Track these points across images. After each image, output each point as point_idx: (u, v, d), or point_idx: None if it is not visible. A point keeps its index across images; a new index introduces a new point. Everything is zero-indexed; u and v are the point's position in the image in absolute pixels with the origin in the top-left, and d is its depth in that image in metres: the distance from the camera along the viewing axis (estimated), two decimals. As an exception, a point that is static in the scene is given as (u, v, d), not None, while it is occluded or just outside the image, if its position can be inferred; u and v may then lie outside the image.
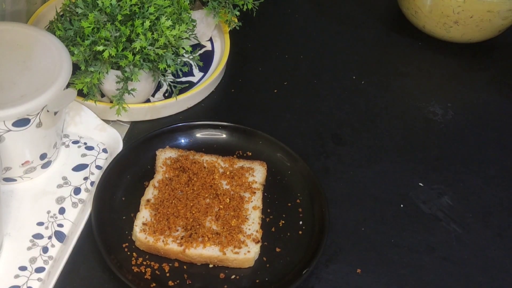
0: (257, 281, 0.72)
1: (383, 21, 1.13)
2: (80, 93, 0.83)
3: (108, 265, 0.70)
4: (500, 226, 0.82)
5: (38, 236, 0.74)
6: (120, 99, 0.83)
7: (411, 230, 0.80)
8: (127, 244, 0.74)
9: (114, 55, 0.79)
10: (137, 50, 0.79)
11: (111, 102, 0.85)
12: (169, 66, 0.83)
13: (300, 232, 0.77)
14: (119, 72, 0.83)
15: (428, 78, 1.03)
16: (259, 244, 0.74)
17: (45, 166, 0.79)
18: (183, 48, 0.82)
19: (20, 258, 0.72)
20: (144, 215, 0.75)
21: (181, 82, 0.94)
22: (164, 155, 0.82)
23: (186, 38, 0.83)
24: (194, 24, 0.87)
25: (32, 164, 0.77)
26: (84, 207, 0.77)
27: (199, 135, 0.86)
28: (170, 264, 0.73)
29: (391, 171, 0.87)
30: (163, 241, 0.73)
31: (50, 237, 0.74)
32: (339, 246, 0.77)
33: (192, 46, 0.92)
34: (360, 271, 0.75)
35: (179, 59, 0.85)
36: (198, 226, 0.74)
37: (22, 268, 0.71)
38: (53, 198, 0.78)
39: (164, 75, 0.87)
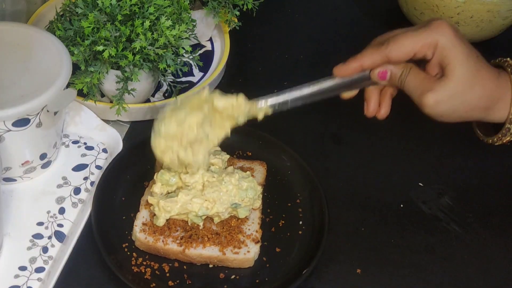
0: (257, 281, 0.72)
1: (384, 21, 1.13)
2: (80, 93, 0.83)
3: (108, 265, 0.70)
4: (500, 226, 0.82)
5: (38, 236, 0.74)
6: (120, 99, 0.83)
7: (411, 230, 0.80)
8: (127, 244, 0.74)
9: (114, 55, 0.79)
10: (137, 50, 0.79)
11: (111, 102, 0.85)
12: (169, 66, 0.83)
13: (300, 232, 0.77)
14: (119, 72, 0.83)
15: (428, 78, 1.02)
16: (259, 244, 0.74)
17: (45, 166, 0.79)
18: (183, 48, 0.82)
19: (20, 258, 0.72)
20: (144, 215, 0.75)
21: (181, 82, 0.94)
22: (164, 155, 0.82)
23: (186, 38, 0.83)
24: (194, 24, 0.87)
25: (32, 164, 0.77)
26: (84, 207, 0.77)
27: (199, 135, 0.85)
28: (170, 264, 0.73)
29: (391, 171, 0.87)
30: (163, 241, 0.73)
31: (50, 237, 0.74)
32: (339, 246, 0.77)
33: (192, 46, 0.92)
34: (360, 271, 0.75)
35: (179, 59, 0.85)
36: (197, 226, 0.74)
37: (22, 268, 0.71)
38: (53, 198, 0.78)
39: (164, 75, 0.87)
